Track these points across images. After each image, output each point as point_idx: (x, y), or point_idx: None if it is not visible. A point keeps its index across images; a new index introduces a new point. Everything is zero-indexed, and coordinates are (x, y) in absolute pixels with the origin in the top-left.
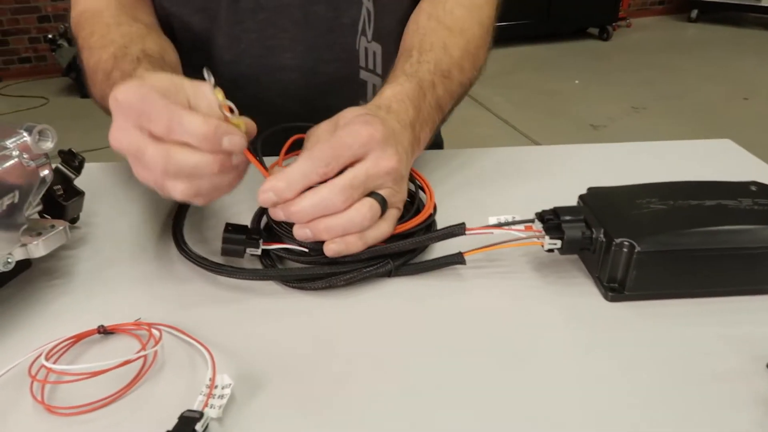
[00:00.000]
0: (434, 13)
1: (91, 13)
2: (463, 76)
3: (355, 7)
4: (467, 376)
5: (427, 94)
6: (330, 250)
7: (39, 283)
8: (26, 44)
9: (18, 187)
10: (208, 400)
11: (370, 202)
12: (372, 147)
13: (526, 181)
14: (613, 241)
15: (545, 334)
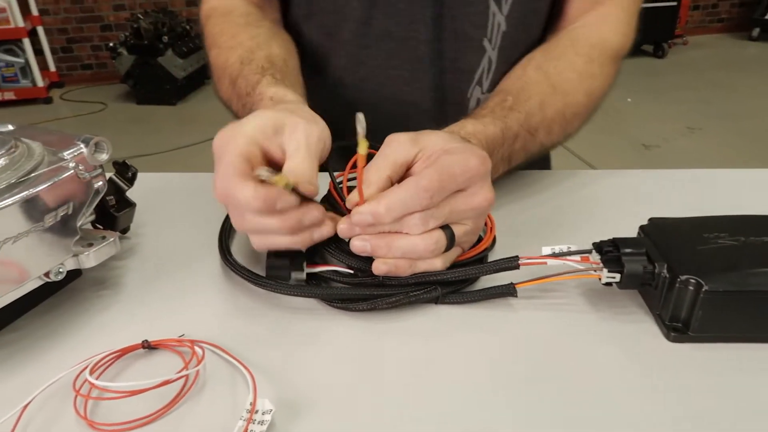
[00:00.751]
0: (543, 67)
1: (222, 10)
2: (547, 138)
3: (477, 54)
4: (514, 413)
5: (505, 144)
6: (378, 269)
7: (88, 293)
8: (89, 51)
9: (73, 199)
10: (248, 426)
11: (439, 237)
12: (475, 181)
13: (581, 207)
14: (677, 278)
15: (600, 372)
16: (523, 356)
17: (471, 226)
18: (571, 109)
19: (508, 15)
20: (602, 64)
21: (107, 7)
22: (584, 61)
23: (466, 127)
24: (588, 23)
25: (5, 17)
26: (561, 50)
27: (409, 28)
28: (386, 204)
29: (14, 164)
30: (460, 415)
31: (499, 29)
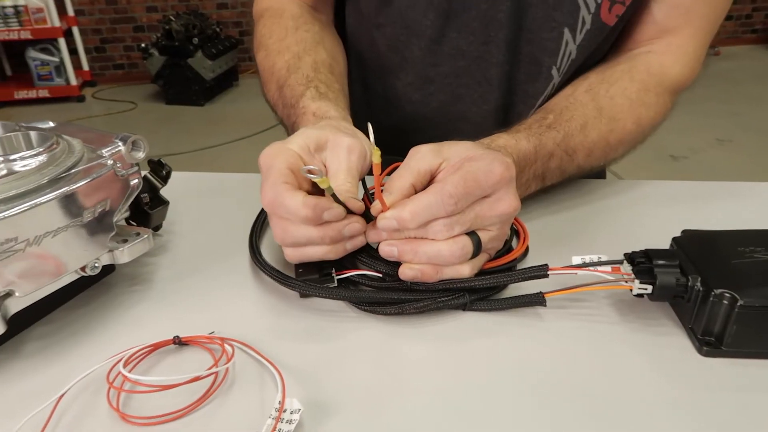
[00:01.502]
0: (594, 89)
1: (274, 11)
2: (586, 161)
3: (545, 81)
4: (540, 422)
5: (538, 161)
6: (404, 274)
7: (120, 288)
8: (121, 52)
9: (110, 195)
10: (276, 425)
11: (465, 243)
12: (500, 187)
13: (612, 217)
14: (711, 292)
15: (630, 384)
16: (550, 366)
17: (496, 233)
18: (617, 135)
19: (580, 44)
20: (658, 95)
21: (140, 8)
22: (638, 89)
23: (498, 141)
24: (653, 50)
25: (42, 17)
26: (617, 75)
27: (481, 48)
28: (411, 209)
29: (55, 160)
30: (483, 422)
31: (569, 57)
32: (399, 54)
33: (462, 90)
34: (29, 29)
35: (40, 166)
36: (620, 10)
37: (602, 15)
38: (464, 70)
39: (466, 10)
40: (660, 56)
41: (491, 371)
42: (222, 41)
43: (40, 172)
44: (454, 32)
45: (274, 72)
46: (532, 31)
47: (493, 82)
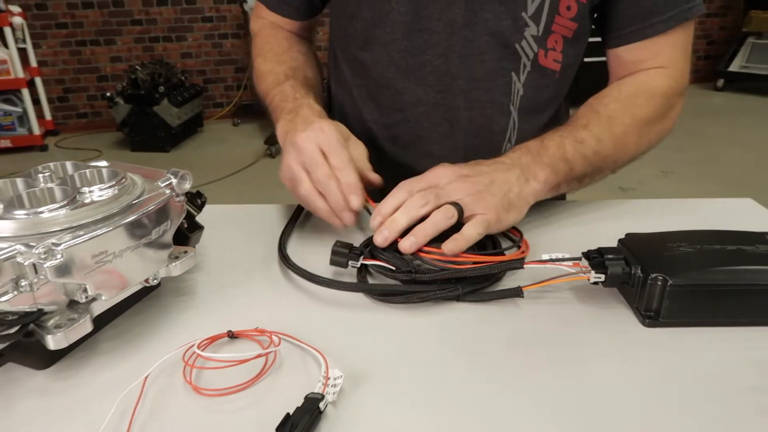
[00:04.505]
0: (590, 103)
1: (271, 28)
2: (599, 146)
3: (505, 116)
4: (520, 385)
5: (550, 148)
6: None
7: (168, 299)
8: (84, 101)
9: (169, 218)
10: (325, 387)
11: (447, 207)
12: (438, 175)
13: (572, 228)
14: (649, 276)
15: (590, 351)
16: (528, 341)
17: (470, 198)
18: (619, 128)
19: (525, 83)
20: (648, 99)
21: (104, 59)
22: (627, 95)
23: (508, 150)
24: (635, 75)
25: (5, 68)
26: (605, 92)
27: (438, 96)
28: (386, 210)
29: (126, 191)
30: (475, 387)
31: (519, 94)
32: (372, 99)
33: (425, 132)
34: None
35: (116, 195)
36: (558, 57)
37: (540, 60)
38: (425, 115)
39: (423, 66)
40: (644, 75)
41: (482, 347)
42: (187, 89)
43: (118, 200)
44: (413, 84)
45: (275, 73)
46: (487, 80)
47: (453, 124)
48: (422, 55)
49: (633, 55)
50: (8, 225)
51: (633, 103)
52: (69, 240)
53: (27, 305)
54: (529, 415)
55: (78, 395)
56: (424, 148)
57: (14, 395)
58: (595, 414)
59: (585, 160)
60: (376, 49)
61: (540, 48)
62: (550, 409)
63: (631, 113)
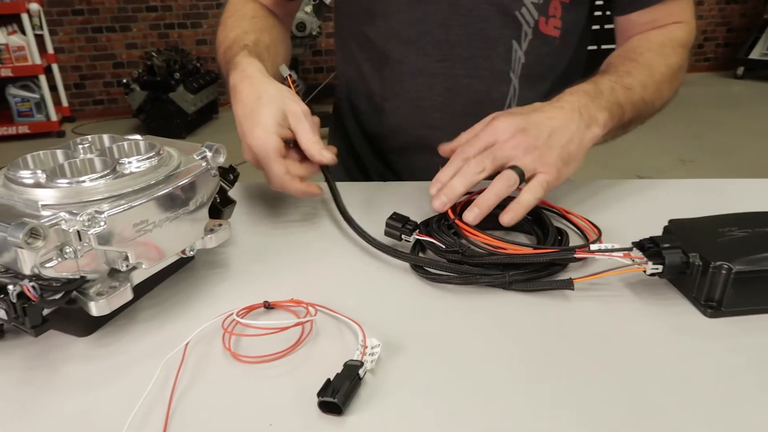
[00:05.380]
0: (622, 54)
1: (240, 2)
2: (645, 92)
3: (505, 83)
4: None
5: (605, 92)
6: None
7: (202, 272)
8: (100, 87)
9: (205, 190)
10: (363, 356)
11: (507, 173)
12: (499, 133)
13: (600, 212)
14: (710, 264)
15: (652, 346)
16: (580, 336)
17: (529, 157)
18: (658, 76)
19: (527, 50)
20: (674, 48)
21: (120, 46)
22: (657, 46)
23: (564, 91)
24: (656, 30)
25: (23, 55)
26: (632, 44)
27: (438, 65)
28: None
29: (164, 163)
30: (519, 380)
31: (520, 62)
32: (377, 72)
33: (424, 102)
34: (10, 67)
35: (154, 167)
36: (557, 23)
37: (541, 27)
38: (425, 85)
39: (423, 36)
40: (665, 30)
41: (528, 337)
42: (203, 75)
43: (156, 171)
44: (414, 54)
45: (225, 41)
46: (487, 48)
47: (453, 92)
48: (422, 25)
49: (648, 17)
50: (51, 193)
51: (665, 53)
52: (112, 208)
53: (70, 272)
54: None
55: (120, 361)
56: (424, 117)
57: (58, 360)
58: (666, 411)
59: (634, 106)
60: (379, 22)
61: (541, 15)
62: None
63: (666, 62)
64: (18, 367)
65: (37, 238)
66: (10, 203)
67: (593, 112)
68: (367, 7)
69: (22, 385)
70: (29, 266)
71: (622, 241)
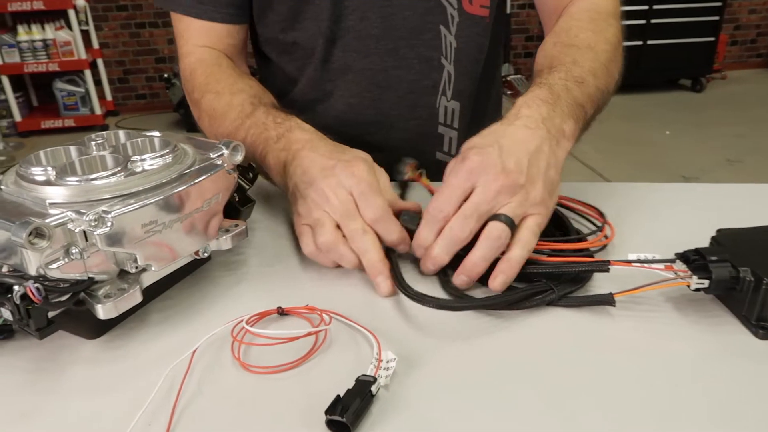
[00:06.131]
0: (559, 41)
1: (210, 62)
2: (597, 81)
3: (436, 71)
4: (611, 405)
5: (561, 94)
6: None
7: (219, 273)
8: (143, 82)
9: (221, 190)
10: (377, 370)
11: (495, 229)
12: (477, 176)
13: (641, 218)
14: (763, 280)
15: (700, 370)
16: (624, 358)
17: (516, 199)
18: (603, 57)
19: (457, 34)
20: (605, 20)
21: (162, 41)
22: (588, 21)
23: (517, 102)
24: (575, 3)
25: (69, 50)
26: (565, 24)
27: (364, 61)
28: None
29: (178, 160)
30: (556, 403)
31: (452, 46)
32: (304, 76)
33: (355, 99)
34: (57, 62)
35: (167, 165)
36: (485, 2)
37: (465, 7)
38: (353, 82)
39: (346, 32)
40: (584, 3)
41: (561, 353)
42: None
43: (169, 169)
44: (339, 51)
45: (236, 106)
46: (411, 38)
47: (383, 87)
48: (345, 21)
49: None
50: (60, 191)
51: (600, 28)
52: (119, 208)
53: (78, 273)
54: None
55: (126, 366)
56: (358, 115)
57: (65, 363)
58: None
59: (591, 100)
60: (305, 24)
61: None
62: None
63: (605, 37)
64: (24, 368)
65: (41, 238)
66: (20, 201)
67: (558, 124)
68: (290, 14)
69: (27, 387)
70: (34, 267)
71: (663, 250)
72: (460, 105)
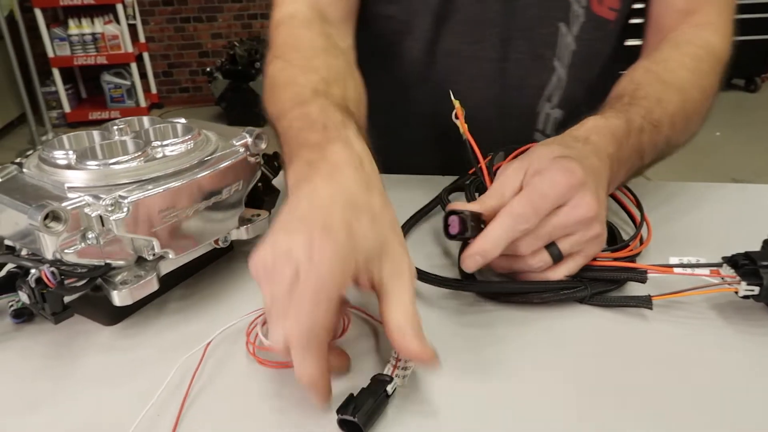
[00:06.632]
0: (653, 69)
1: (300, 21)
2: (672, 132)
3: (545, 72)
4: (646, 415)
5: (632, 135)
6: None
7: (239, 263)
8: (186, 76)
9: (242, 178)
10: (395, 370)
11: (541, 257)
12: (572, 194)
13: (687, 221)
14: None
15: (740, 380)
16: (664, 369)
17: (579, 237)
18: (690, 105)
19: (578, 36)
20: (710, 64)
21: (206, 35)
22: (692, 60)
23: (588, 123)
24: (686, 31)
25: (117, 43)
26: (666, 54)
27: (472, 47)
28: (491, 240)
29: (198, 147)
30: (578, 411)
31: (569, 48)
32: (400, 55)
33: (456, 86)
34: (105, 55)
35: (188, 151)
36: (615, 4)
37: (594, 8)
38: (456, 68)
39: (455, 12)
40: (697, 32)
41: (589, 363)
42: None
43: (190, 155)
44: (449, 33)
45: (295, 85)
46: (527, 29)
47: (487, 77)
48: (457, 1)
49: (684, 4)
50: (79, 175)
51: (700, 71)
52: (137, 193)
53: (95, 259)
54: None
55: (141, 354)
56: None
57: (80, 349)
58: None
59: (655, 149)
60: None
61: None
62: None
63: (700, 85)
64: (41, 352)
65: (57, 221)
66: (40, 184)
67: (615, 170)
68: None
69: (42, 371)
70: (51, 251)
71: (710, 254)
72: (564, 114)
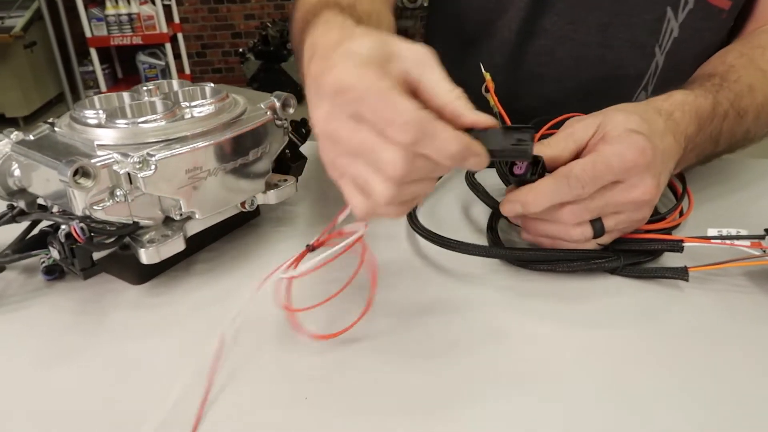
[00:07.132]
0: (748, 54)
1: None
2: (755, 125)
3: (645, 60)
4: (680, 391)
5: (715, 120)
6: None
7: (266, 229)
8: (219, 56)
9: (269, 140)
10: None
11: (584, 230)
12: (634, 173)
13: (726, 191)
14: None
15: None
16: (692, 337)
17: (626, 217)
18: None
19: (683, 23)
20: None
21: (239, 16)
22: None
23: (676, 96)
24: None
25: (152, 24)
26: (760, 41)
27: (566, 28)
28: (536, 194)
29: (226, 109)
30: (610, 388)
31: (671, 35)
32: (488, 34)
33: (543, 69)
34: (140, 35)
35: (216, 112)
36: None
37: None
38: (545, 49)
39: None
40: None
41: (622, 335)
42: None
43: (218, 117)
44: (544, 13)
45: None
46: (632, 14)
47: (580, 62)
48: None
49: None
50: (108, 133)
51: None
52: (164, 152)
53: (123, 217)
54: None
55: (168, 312)
56: (539, 88)
57: (108, 305)
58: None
59: (732, 138)
60: None
61: None
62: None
63: None
64: (71, 309)
65: (87, 177)
66: (71, 142)
67: (689, 153)
68: None
69: (72, 327)
70: (80, 207)
71: (752, 226)
72: None
